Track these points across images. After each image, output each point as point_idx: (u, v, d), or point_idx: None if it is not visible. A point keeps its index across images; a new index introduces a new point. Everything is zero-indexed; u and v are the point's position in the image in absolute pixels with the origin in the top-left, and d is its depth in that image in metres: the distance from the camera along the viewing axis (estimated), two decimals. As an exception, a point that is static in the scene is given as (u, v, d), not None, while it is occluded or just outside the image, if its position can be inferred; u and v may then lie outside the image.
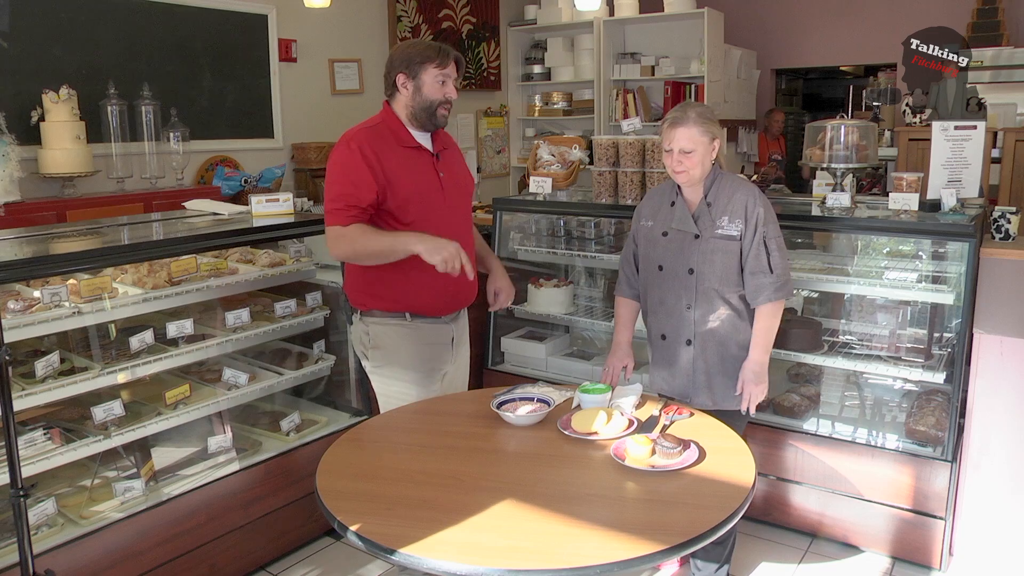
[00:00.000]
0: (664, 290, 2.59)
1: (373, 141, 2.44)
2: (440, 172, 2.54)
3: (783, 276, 2.51)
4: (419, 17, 6.15)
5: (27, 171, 3.76)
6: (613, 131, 6.41)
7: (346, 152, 2.42)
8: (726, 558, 2.66)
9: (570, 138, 4.14)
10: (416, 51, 2.47)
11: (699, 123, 2.44)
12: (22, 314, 2.42)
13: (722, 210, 2.51)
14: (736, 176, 2.61)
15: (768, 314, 2.52)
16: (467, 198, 2.70)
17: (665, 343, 2.62)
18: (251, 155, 4.97)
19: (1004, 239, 2.92)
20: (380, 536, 1.69)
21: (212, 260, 3.00)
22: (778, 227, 2.54)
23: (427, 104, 2.47)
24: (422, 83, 2.46)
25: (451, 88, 2.51)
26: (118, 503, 2.63)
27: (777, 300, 2.50)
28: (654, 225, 2.62)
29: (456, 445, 2.16)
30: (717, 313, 2.54)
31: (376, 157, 2.40)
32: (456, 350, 2.68)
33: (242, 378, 3.01)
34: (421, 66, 2.45)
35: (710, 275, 2.51)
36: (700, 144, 2.44)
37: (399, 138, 2.49)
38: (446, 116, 2.54)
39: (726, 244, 2.50)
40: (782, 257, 2.52)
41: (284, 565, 3.05)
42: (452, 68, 2.50)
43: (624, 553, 1.61)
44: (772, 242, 2.50)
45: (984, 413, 2.86)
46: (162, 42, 4.49)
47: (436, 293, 2.53)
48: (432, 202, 2.49)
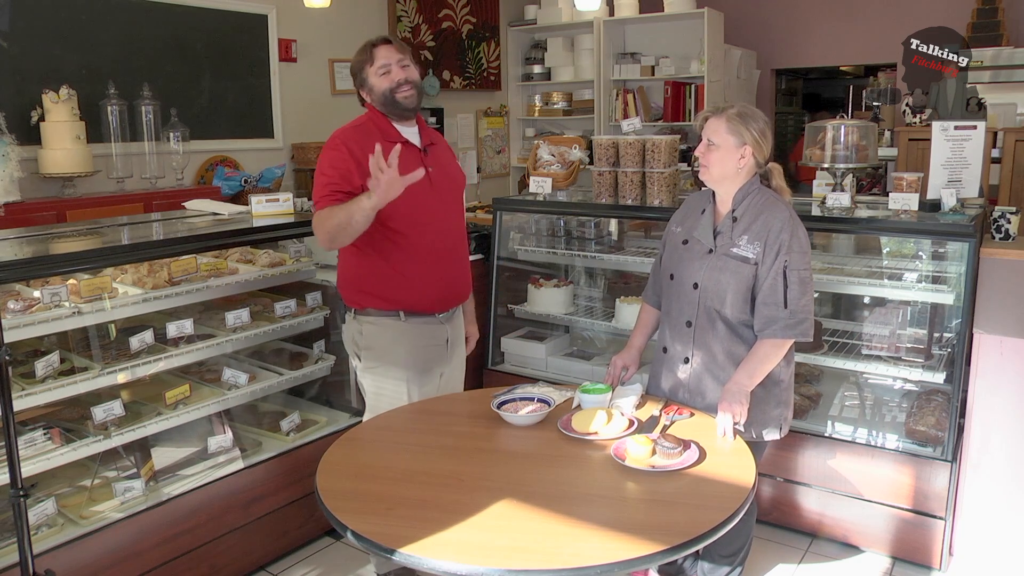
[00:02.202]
0: (671, 301, 2.50)
1: (359, 138, 2.48)
2: (428, 167, 2.53)
3: (799, 314, 2.29)
4: (419, 17, 6.14)
5: (27, 171, 3.76)
6: (613, 131, 6.41)
7: (332, 150, 2.49)
8: (740, 562, 2.61)
9: (570, 138, 4.14)
10: (354, 62, 2.59)
11: (731, 121, 2.32)
12: (22, 314, 2.42)
13: (745, 228, 2.34)
14: (775, 197, 2.40)
15: (770, 345, 2.31)
16: (458, 193, 2.71)
17: (666, 356, 2.52)
18: (251, 155, 4.97)
19: (1004, 239, 2.92)
20: (380, 536, 1.69)
21: (212, 260, 3.00)
22: (807, 260, 2.33)
23: (384, 97, 2.52)
24: (371, 85, 2.54)
25: (396, 71, 2.52)
26: (118, 503, 2.63)
27: (786, 338, 2.31)
28: (680, 232, 2.51)
29: (456, 445, 2.16)
30: (717, 335, 2.38)
31: (363, 152, 2.41)
32: (452, 351, 2.68)
33: (242, 378, 3.01)
34: (361, 72, 2.56)
35: (714, 293, 2.36)
36: (725, 142, 2.32)
37: (384, 134, 2.51)
38: (409, 96, 2.53)
39: (738, 265, 2.33)
40: (803, 293, 2.30)
41: (284, 565, 3.05)
42: (386, 54, 2.52)
43: (624, 553, 1.61)
44: (794, 274, 2.29)
45: (984, 413, 2.86)
46: (162, 42, 4.49)
47: (429, 287, 2.53)
48: (420, 197, 2.48)
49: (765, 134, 2.35)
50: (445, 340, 2.63)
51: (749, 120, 2.33)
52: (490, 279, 3.94)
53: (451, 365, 2.70)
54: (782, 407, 2.46)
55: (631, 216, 3.63)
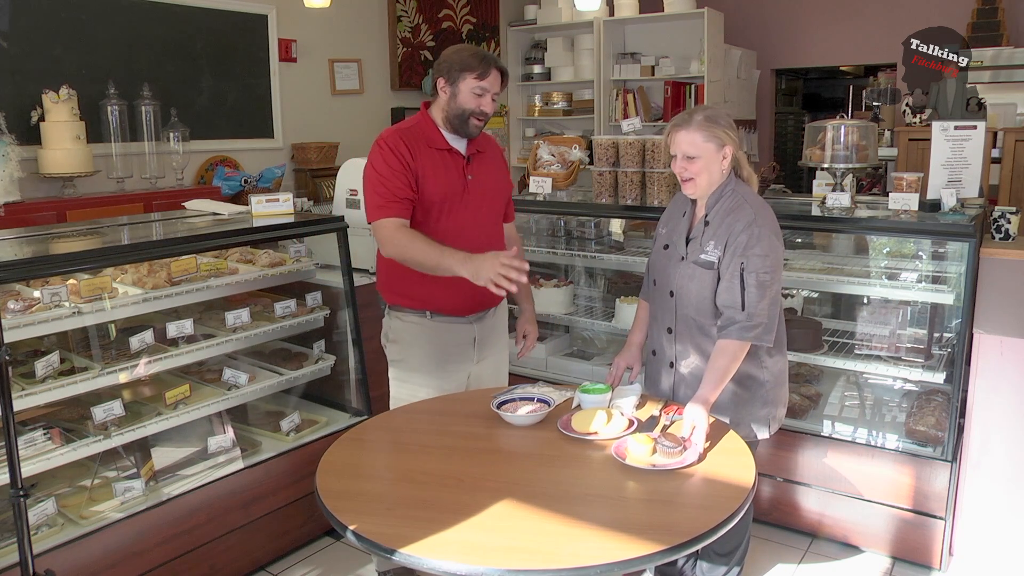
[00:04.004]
0: (655, 307, 2.50)
1: (405, 140, 2.50)
2: (468, 175, 2.57)
3: (757, 318, 2.21)
4: (419, 17, 6.14)
5: (27, 171, 3.76)
6: (613, 131, 6.40)
7: (380, 152, 2.50)
8: (737, 561, 2.60)
9: (570, 138, 4.14)
10: (459, 58, 2.50)
11: (703, 127, 2.25)
12: (22, 314, 2.42)
13: (713, 232, 2.30)
14: (747, 195, 2.33)
15: (726, 351, 2.21)
16: (496, 202, 2.70)
17: (655, 359, 2.53)
18: (251, 155, 4.97)
19: (1004, 239, 2.92)
20: (380, 536, 1.69)
21: (212, 260, 3.01)
22: (770, 264, 2.23)
23: (459, 112, 2.51)
24: (459, 91, 2.50)
25: (487, 101, 2.52)
26: (118, 503, 2.63)
27: (742, 340, 2.22)
28: (664, 234, 2.48)
29: (456, 445, 2.16)
30: (696, 342, 2.36)
31: (410, 154, 2.48)
32: (480, 351, 2.70)
33: (242, 378, 3.01)
34: (460, 74, 2.49)
35: (687, 301, 2.34)
36: (705, 151, 2.26)
37: (430, 140, 2.54)
38: (479, 126, 2.55)
39: (702, 272, 2.30)
40: (761, 296, 2.21)
41: (284, 565, 3.05)
42: (492, 81, 2.50)
43: (623, 553, 1.61)
44: (752, 276, 2.21)
45: (984, 413, 2.86)
46: (162, 42, 4.49)
47: (457, 295, 2.56)
48: (455, 203, 2.53)
49: (733, 127, 2.32)
50: (472, 339, 2.66)
51: (718, 119, 2.29)
52: (490, 279, 3.93)
53: (480, 365, 2.72)
54: (770, 406, 2.45)
55: (631, 216, 3.63)
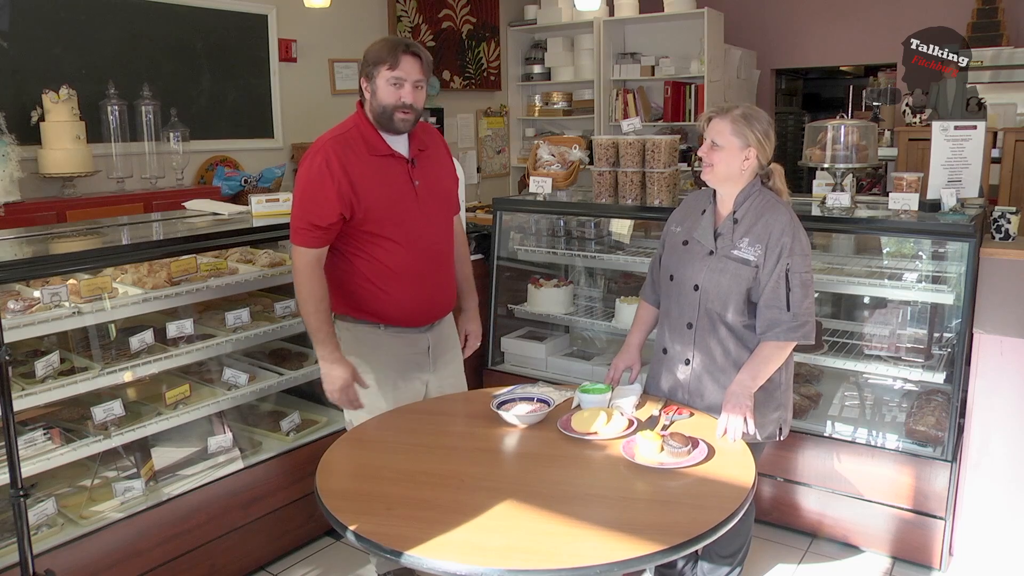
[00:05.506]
0: (671, 302, 2.49)
1: (342, 152, 2.34)
2: (415, 180, 2.44)
3: (802, 317, 2.30)
4: (419, 17, 6.15)
5: (27, 171, 3.76)
6: (613, 131, 6.41)
7: (312, 167, 2.33)
8: (739, 562, 2.60)
9: (570, 138, 4.14)
10: (371, 51, 2.35)
11: (736, 122, 2.30)
12: (22, 314, 2.42)
13: (746, 230, 2.34)
14: (775, 199, 2.39)
15: (773, 347, 2.32)
16: (447, 204, 2.59)
17: (666, 357, 2.51)
18: (251, 155, 4.97)
19: (1004, 239, 2.92)
20: (380, 536, 1.69)
21: (212, 260, 3.00)
22: (808, 263, 2.33)
23: (381, 109, 2.34)
24: (377, 87, 2.33)
25: (408, 91, 2.32)
26: (118, 503, 2.63)
27: (789, 341, 2.31)
28: (680, 232, 2.49)
29: (456, 445, 2.16)
30: (719, 337, 2.38)
31: (343, 170, 2.31)
32: (436, 359, 2.60)
33: (242, 378, 3.01)
34: (374, 68, 2.32)
35: (714, 295, 2.35)
36: (729, 144, 2.31)
37: (370, 145, 2.38)
38: (406, 120, 2.35)
39: (738, 267, 2.32)
40: (805, 296, 2.31)
41: (284, 565, 3.05)
42: (407, 67, 2.31)
43: (623, 553, 1.61)
44: (796, 277, 2.30)
45: (984, 413, 2.86)
46: (162, 42, 4.49)
47: (410, 307, 2.48)
48: (405, 213, 2.41)
49: (769, 135, 2.34)
50: (426, 348, 2.57)
51: (754, 122, 2.32)
52: (490, 279, 3.94)
53: (439, 373, 2.62)
54: (781, 409, 2.46)
55: (631, 216, 3.62)
